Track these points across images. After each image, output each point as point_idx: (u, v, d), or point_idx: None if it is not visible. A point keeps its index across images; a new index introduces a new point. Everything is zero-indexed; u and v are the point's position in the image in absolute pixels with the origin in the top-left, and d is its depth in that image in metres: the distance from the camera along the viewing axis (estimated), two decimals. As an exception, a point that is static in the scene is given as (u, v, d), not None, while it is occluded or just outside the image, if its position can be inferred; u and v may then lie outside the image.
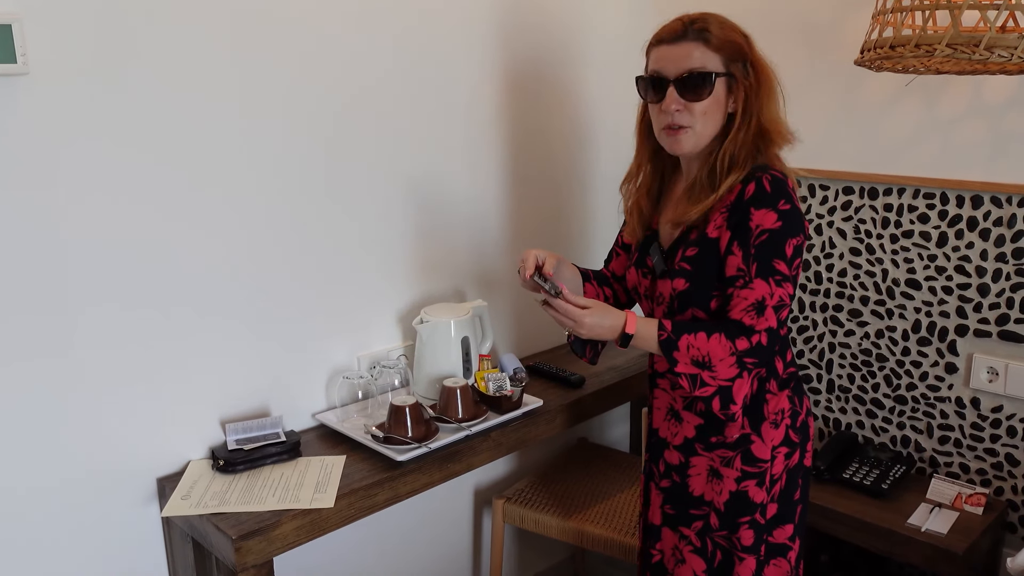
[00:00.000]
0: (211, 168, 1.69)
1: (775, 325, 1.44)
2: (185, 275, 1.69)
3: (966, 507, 2.04)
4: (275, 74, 1.75)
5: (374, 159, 1.96)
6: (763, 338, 1.43)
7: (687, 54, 1.46)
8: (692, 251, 1.51)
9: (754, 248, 1.44)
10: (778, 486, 1.55)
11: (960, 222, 2.07)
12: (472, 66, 2.12)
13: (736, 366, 1.43)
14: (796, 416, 1.56)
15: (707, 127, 1.49)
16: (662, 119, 1.51)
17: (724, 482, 1.55)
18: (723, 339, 1.44)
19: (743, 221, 1.45)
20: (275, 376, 1.88)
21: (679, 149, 1.52)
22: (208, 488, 1.66)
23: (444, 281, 2.17)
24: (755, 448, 1.53)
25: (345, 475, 1.71)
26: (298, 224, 1.85)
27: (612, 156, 2.52)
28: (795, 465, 1.57)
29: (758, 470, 1.53)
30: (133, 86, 1.56)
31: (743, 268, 1.45)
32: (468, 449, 1.84)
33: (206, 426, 1.79)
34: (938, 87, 2.03)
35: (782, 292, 1.44)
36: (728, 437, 1.54)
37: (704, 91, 1.46)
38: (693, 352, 1.45)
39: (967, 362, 2.11)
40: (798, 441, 1.57)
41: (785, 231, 1.44)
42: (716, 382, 1.45)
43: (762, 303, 1.43)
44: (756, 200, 1.44)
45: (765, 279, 1.43)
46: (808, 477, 1.63)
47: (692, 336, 1.45)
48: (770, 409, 1.54)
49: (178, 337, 1.71)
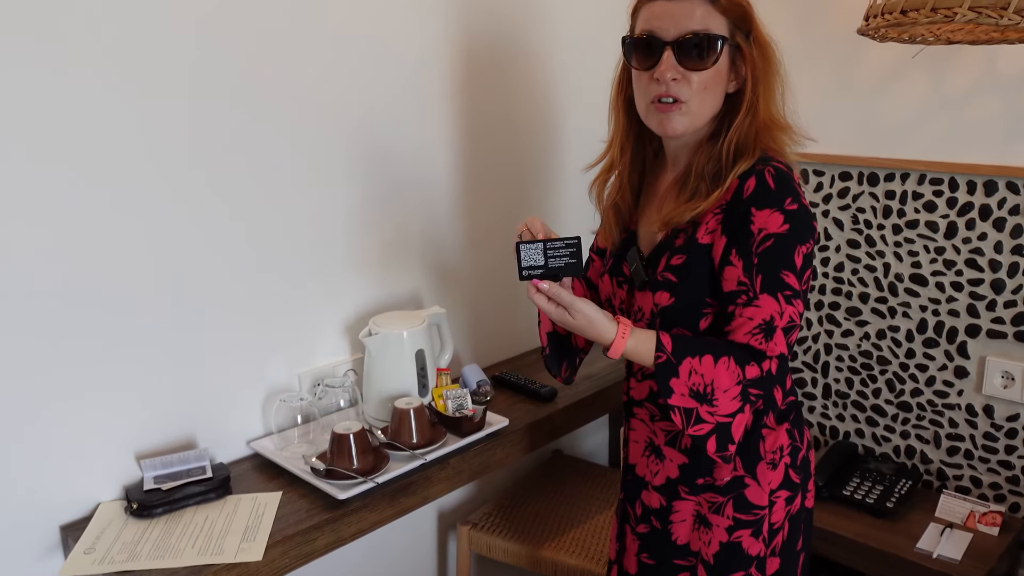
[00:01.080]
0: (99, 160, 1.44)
1: (785, 351, 1.21)
2: (87, 288, 1.45)
3: (980, 527, 1.85)
4: (174, 44, 1.50)
5: (309, 143, 1.71)
6: (773, 366, 1.21)
7: (689, 11, 1.22)
8: (678, 259, 1.28)
9: (757, 257, 1.20)
10: (779, 537, 1.33)
11: (971, 211, 1.86)
12: (424, 38, 1.87)
13: (739, 399, 1.21)
14: (796, 452, 1.34)
15: (705, 105, 1.26)
16: (652, 90, 1.26)
17: (714, 531, 1.32)
18: (732, 365, 1.20)
19: (742, 224, 1.21)
20: (201, 400, 1.64)
21: (670, 129, 1.27)
22: (117, 538, 1.42)
23: (398, 285, 1.94)
24: (749, 493, 1.31)
25: (279, 517, 1.48)
26: (222, 224, 1.61)
27: (584, 140, 2.29)
28: (797, 511, 1.35)
29: (753, 518, 1.31)
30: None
31: (745, 281, 1.21)
32: (423, 480, 1.62)
33: (119, 462, 1.55)
34: (947, 59, 1.82)
35: (792, 311, 1.20)
36: (718, 479, 1.32)
37: (709, 58, 1.22)
38: (695, 380, 1.20)
39: (979, 366, 1.91)
40: (799, 481, 1.34)
41: (793, 236, 1.20)
42: (715, 419, 1.21)
43: (771, 324, 1.20)
44: (758, 198, 1.20)
45: (773, 294, 1.20)
46: (810, 519, 1.41)
47: (696, 360, 1.20)
48: (767, 447, 1.31)
49: (83, 359, 1.46)
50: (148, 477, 1.54)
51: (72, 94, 1.38)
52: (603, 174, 1.43)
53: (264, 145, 1.64)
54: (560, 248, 1.27)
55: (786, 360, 1.23)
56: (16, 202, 1.35)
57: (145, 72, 1.46)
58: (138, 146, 1.47)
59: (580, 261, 1.28)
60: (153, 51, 1.46)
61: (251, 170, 1.63)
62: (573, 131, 2.28)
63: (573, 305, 1.24)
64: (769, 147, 1.26)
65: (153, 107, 1.49)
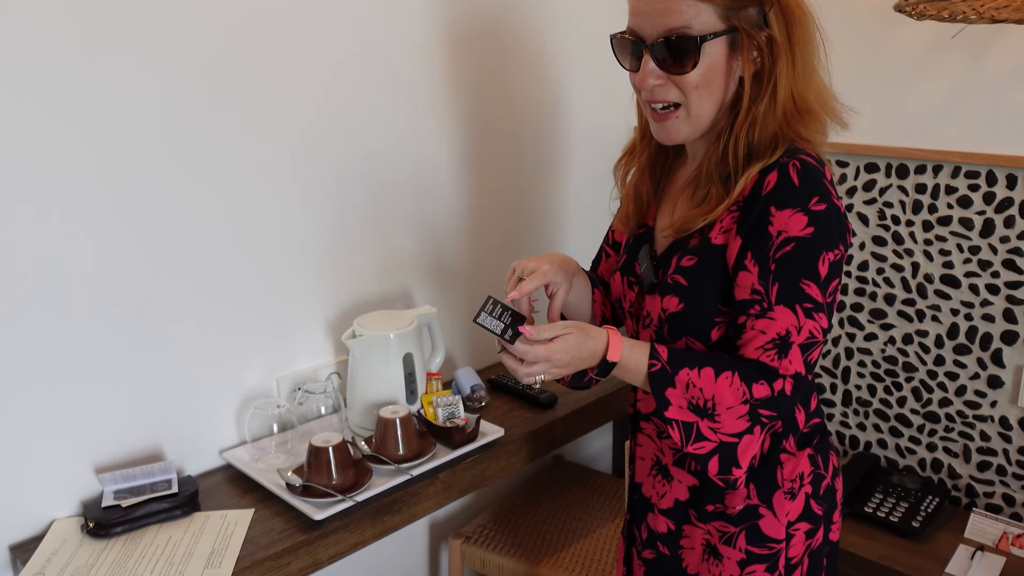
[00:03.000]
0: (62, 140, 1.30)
1: (803, 370, 1.06)
2: (42, 287, 1.31)
3: (1014, 550, 1.71)
4: (154, 25, 1.36)
5: (294, 136, 1.57)
6: (787, 386, 1.06)
7: (665, 7, 1.06)
8: (689, 261, 1.13)
9: (775, 263, 1.05)
10: (797, 573, 1.19)
11: (1010, 207, 1.71)
12: (416, 29, 1.72)
13: (747, 418, 1.06)
14: (819, 481, 1.19)
15: (704, 104, 1.10)
16: (643, 93, 1.13)
17: (724, 564, 1.18)
18: (736, 381, 1.06)
19: (760, 224, 1.07)
20: (169, 406, 1.51)
21: (668, 138, 1.14)
22: (70, 561, 1.30)
23: (386, 281, 1.80)
24: (764, 524, 1.16)
25: (249, 539, 1.35)
26: (195, 213, 1.47)
27: (585, 133, 2.14)
28: (819, 545, 1.20)
29: (768, 551, 1.17)
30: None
31: (760, 290, 1.06)
32: (409, 496, 1.48)
33: (76, 475, 1.42)
34: (989, 39, 1.66)
35: (812, 325, 1.06)
36: (730, 507, 1.18)
37: (687, 61, 1.07)
38: (693, 393, 1.07)
39: (1015, 375, 1.77)
40: (822, 513, 1.20)
41: (819, 241, 1.05)
42: (718, 436, 1.07)
43: (786, 339, 1.05)
44: (779, 196, 1.05)
45: (790, 306, 1.05)
46: (835, 554, 1.27)
47: (695, 372, 1.07)
48: (785, 475, 1.16)
49: (38, 361, 1.33)
50: (108, 492, 1.41)
51: (43, 96, 1.24)
52: (626, 157, 1.30)
53: (244, 138, 1.50)
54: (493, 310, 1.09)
55: (804, 379, 1.09)
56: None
57: (122, 66, 1.32)
58: (113, 146, 1.33)
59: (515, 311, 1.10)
60: (130, 47, 1.32)
61: (228, 160, 1.49)
62: (574, 123, 2.13)
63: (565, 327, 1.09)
64: (799, 135, 1.11)
65: (124, 104, 1.35)
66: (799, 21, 1.09)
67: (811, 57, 1.11)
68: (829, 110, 1.14)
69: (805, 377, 1.07)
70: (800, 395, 1.11)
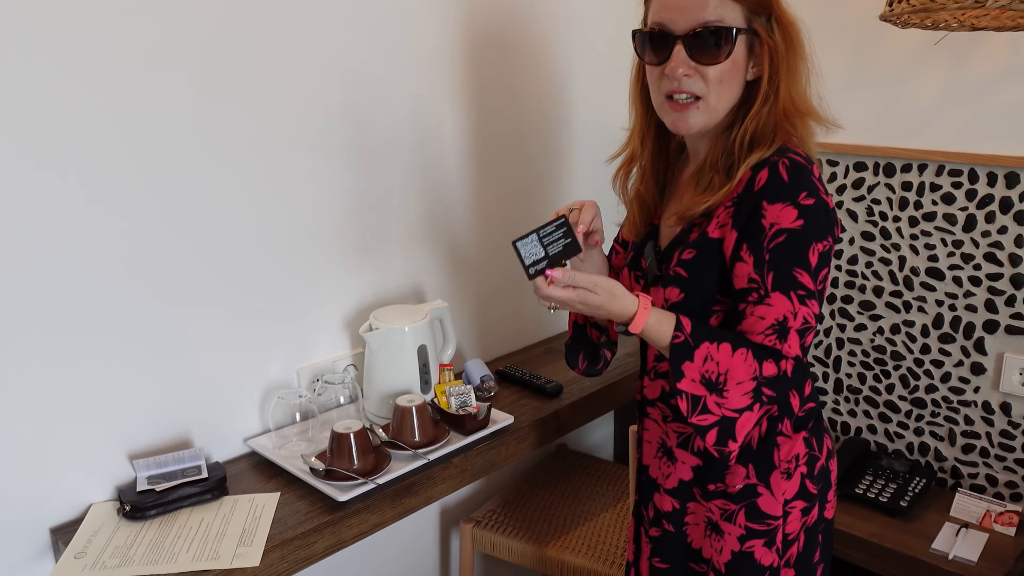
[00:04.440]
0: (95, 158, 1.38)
1: (800, 353, 1.15)
2: (78, 284, 1.39)
3: (996, 527, 1.80)
4: (186, 26, 1.43)
5: (312, 133, 1.65)
6: (789, 367, 1.15)
7: (700, 2, 1.15)
8: (689, 254, 1.22)
9: (769, 253, 1.14)
10: (794, 548, 1.27)
11: (991, 203, 1.80)
12: (427, 28, 1.80)
13: (751, 396, 1.15)
14: (814, 462, 1.28)
15: (723, 99, 1.19)
16: (664, 85, 1.20)
17: (725, 539, 1.27)
18: (749, 358, 1.14)
19: (753, 218, 1.15)
20: (197, 397, 1.59)
21: (685, 127, 1.21)
22: (109, 542, 1.37)
23: (399, 277, 1.88)
24: (762, 502, 1.25)
25: (277, 520, 1.43)
26: (217, 212, 1.55)
27: (594, 128, 2.23)
28: (814, 522, 1.29)
29: (766, 528, 1.25)
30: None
31: (756, 279, 1.15)
32: (426, 480, 1.57)
33: (111, 461, 1.49)
34: (970, 45, 1.75)
35: (806, 312, 1.14)
36: (730, 486, 1.26)
37: (722, 51, 1.16)
38: (709, 367, 1.14)
39: (996, 362, 1.86)
40: (817, 492, 1.28)
41: (808, 233, 1.14)
42: (721, 411, 1.15)
43: (784, 324, 1.14)
44: (770, 192, 1.14)
45: (785, 293, 1.14)
46: (831, 531, 1.35)
47: (714, 346, 1.14)
48: (781, 456, 1.25)
49: (75, 356, 1.41)
50: (141, 477, 1.49)
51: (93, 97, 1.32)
52: (624, 166, 1.38)
53: (263, 134, 1.58)
54: (552, 232, 1.20)
55: (805, 366, 1.18)
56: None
57: (149, 66, 1.40)
58: (138, 143, 1.41)
59: (575, 239, 1.21)
60: (167, 55, 1.40)
61: (249, 159, 1.57)
62: (583, 118, 2.22)
63: (596, 283, 1.17)
64: (790, 137, 1.20)
65: (161, 104, 1.42)
66: (795, 37, 1.19)
67: (801, 71, 1.20)
68: (816, 115, 1.23)
69: (802, 361, 1.16)
70: (796, 380, 1.20)
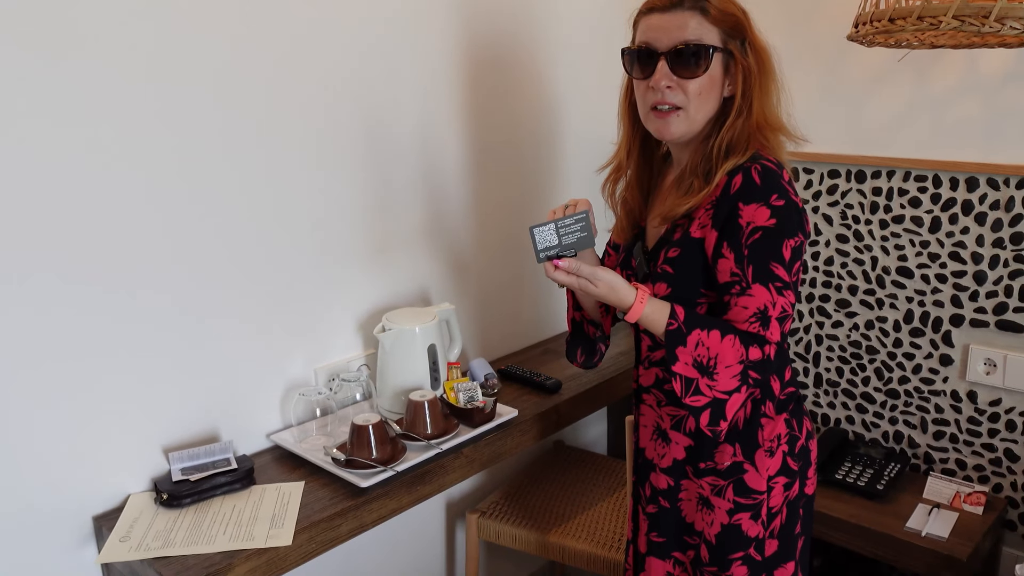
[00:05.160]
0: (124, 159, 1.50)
1: (780, 339, 1.29)
2: (114, 290, 1.51)
3: (965, 506, 1.94)
4: (205, 45, 1.56)
5: (326, 152, 1.78)
6: (772, 352, 1.28)
7: (682, 23, 1.29)
8: (674, 252, 1.36)
9: (747, 248, 1.28)
10: (778, 520, 1.40)
11: (954, 206, 1.95)
12: (430, 44, 1.94)
13: (739, 378, 1.28)
14: (795, 441, 1.41)
15: (701, 110, 1.33)
16: (650, 97, 1.35)
17: (715, 513, 1.40)
18: (737, 343, 1.27)
19: (731, 218, 1.29)
20: (223, 395, 1.70)
21: (668, 133, 1.35)
22: (150, 527, 1.49)
23: (405, 283, 2.01)
24: (748, 478, 1.38)
25: (304, 505, 1.55)
26: (241, 230, 1.67)
27: (587, 140, 2.37)
28: (795, 496, 1.42)
29: (752, 502, 1.38)
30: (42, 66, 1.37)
31: (738, 272, 1.29)
32: (439, 468, 1.69)
33: (147, 455, 1.61)
34: (930, 62, 1.91)
35: (784, 301, 1.28)
36: (719, 464, 1.40)
37: (700, 66, 1.30)
38: (700, 351, 1.28)
39: (963, 354, 2.01)
40: (797, 468, 1.42)
41: (781, 230, 1.27)
42: (712, 393, 1.29)
43: (765, 313, 1.27)
44: (744, 194, 1.28)
45: (764, 284, 1.27)
46: (811, 506, 1.48)
47: (705, 333, 1.28)
48: (765, 436, 1.38)
49: (113, 359, 1.52)
50: (176, 469, 1.60)
51: (91, 95, 1.44)
52: (612, 175, 1.51)
53: (281, 153, 1.71)
54: (571, 225, 1.33)
55: (785, 353, 1.31)
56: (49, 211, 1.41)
57: (172, 74, 1.52)
58: (166, 157, 1.53)
59: (591, 234, 1.33)
60: (181, 57, 1.52)
61: (271, 182, 1.70)
62: (576, 132, 2.36)
63: (595, 274, 1.30)
64: (762, 147, 1.34)
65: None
66: (767, 60, 1.33)
67: (772, 91, 1.35)
68: (787, 132, 1.37)
69: (783, 347, 1.29)
70: (777, 366, 1.34)
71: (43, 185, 1.39)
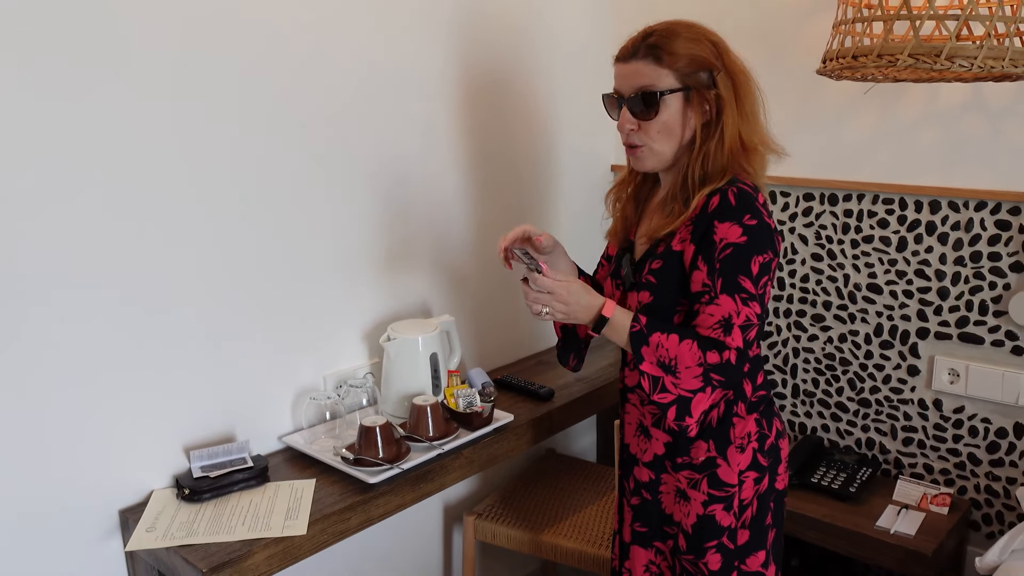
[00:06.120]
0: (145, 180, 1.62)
1: (743, 345, 1.41)
2: (139, 301, 1.63)
3: (932, 507, 2.07)
4: (223, 68, 1.69)
5: (339, 177, 1.92)
6: (732, 356, 1.41)
7: (637, 71, 1.45)
8: (657, 264, 1.50)
9: (719, 263, 1.41)
10: (748, 512, 1.52)
11: (919, 227, 2.10)
12: (432, 73, 2.09)
13: (701, 379, 1.41)
14: (764, 439, 1.53)
15: (664, 145, 1.48)
16: (621, 136, 1.53)
17: (691, 504, 1.53)
18: (694, 347, 1.41)
19: (707, 234, 1.42)
20: (239, 399, 1.82)
21: (640, 166, 1.52)
22: (174, 519, 1.60)
23: (409, 296, 2.14)
24: (721, 472, 1.51)
25: (316, 500, 1.67)
26: (256, 244, 1.80)
27: (580, 161, 2.52)
28: (765, 490, 1.54)
29: (725, 494, 1.51)
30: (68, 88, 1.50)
31: (708, 283, 1.42)
32: (440, 468, 1.81)
33: (169, 453, 1.72)
34: (895, 94, 2.06)
35: (749, 311, 1.41)
36: (694, 459, 1.52)
37: (651, 111, 1.45)
38: (661, 352, 1.42)
39: (928, 364, 2.15)
40: (767, 465, 1.53)
41: (750, 247, 1.40)
42: (677, 391, 1.42)
43: (729, 320, 1.40)
44: (720, 213, 1.41)
45: (731, 295, 1.40)
46: (781, 500, 1.60)
47: (664, 336, 1.42)
48: (736, 433, 1.51)
49: (139, 364, 1.64)
50: (196, 467, 1.71)
51: (126, 115, 1.58)
52: (617, 185, 1.67)
53: (296, 175, 1.84)
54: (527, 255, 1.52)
55: (757, 359, 1.46)
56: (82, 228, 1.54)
57: (197, 96, 1.66)
58: (180, 173, 1.67)
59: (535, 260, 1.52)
60: (204, 80, 1.66)
61: (288, 200, 1.83)
62: (571, 149, 2.50)
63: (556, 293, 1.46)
64: (742, 170, 1.47)
65: (192, 131, 1.68)
66: (743, 83, 1.47)
67: (754, 109, 1.48)
68: (768, 146, 1.50)
69: (747, 352, 1.42)
70: (743, 367, 1.45)
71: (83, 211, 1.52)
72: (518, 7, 2.27)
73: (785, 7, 2.19)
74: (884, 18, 1.59)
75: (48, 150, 1.47)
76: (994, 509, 2.10)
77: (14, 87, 1.41)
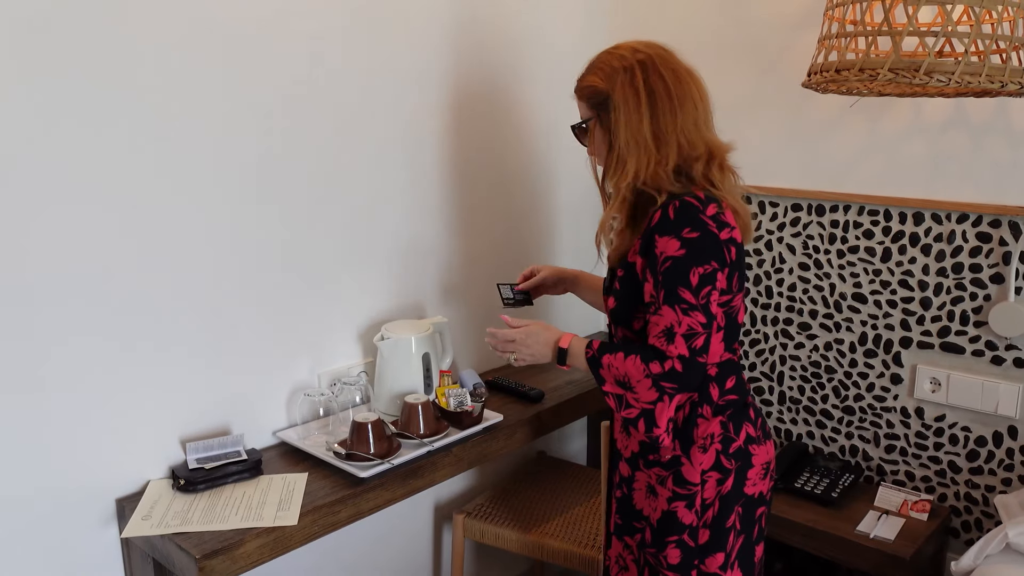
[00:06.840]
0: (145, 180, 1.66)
1: (687, 353, 1.44)
2: (142, 296, 1.68)
3: (912, 514, 2.11)
4: (224, 73, 1.75)
5: (332, 175, 1.97)
6: (676, 364, 1.44)
7: (578, 106, 1.64)
8: (621, 273, 1.58)
9: (661, 275, 1.46)
10: (710, 512, 1.55)
11: (903, 238, 2.15)
12: (428, 80, 2.14)
13: (655, 390, 1.47)
14: (729, 442, 1.55)
15: (600, 164, 1.63)
16: None
17: (658, 500, 1.58)
18: (638, 361, 1.47)
19: (650, 249, 1.49)
20: (235, 394, 1.87)
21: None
22: (169, 508, 1.64)
23: (403, 297, 2.19)
24: (684, 471, 1.55)
25: (308, 493, 1.71)
26: (254, 242, 1.85)
27: (568, 177, 2.57)
28: (728, 492, 1.55)
29: (687, 492, 1.55)
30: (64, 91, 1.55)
31: (653, 295, 1.49)
32: (430, 465, 1.85)
33: (165, 445, 1.77)
34: (880, 108, 2.12)
35: (690, 321, 1.44)
36: (662, 457, 1.57)
37: (584, 139, 1.64)
38: (614, 371, 1.51)
39: (911, 373, 2.19)
40: (733, 468, 1.55)
41: (689, 259, 1.44)
42: (639, 404, 1.49)
43: (671, 330, 1.45)
44: (659, 228, 1.47)
45: (672, 306, 1.45)
46: (753, 507, 1.60)
47: (612, 356, 1.52)
48: (699, 433, 1.54)
49: (138, 360, 1.69)
50: (191, 459, 1.76)
51: (126, 116, 1.63)
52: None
53: (294, 176, 1.90)
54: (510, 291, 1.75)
55: (728, 364, 1.55)
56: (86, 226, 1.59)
57: (197, 98, 1.71)
58: (179, 174, 1.72)
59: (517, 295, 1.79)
60: (204, 83, 1.72)
61: (287, 200, 1.88)
62: (562, 165, 2.56)
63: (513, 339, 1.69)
64: (706, 181, 1.51)
65: (191, 132, 1.74)
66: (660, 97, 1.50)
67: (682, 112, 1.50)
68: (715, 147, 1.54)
69: (695, 360, 1.44)
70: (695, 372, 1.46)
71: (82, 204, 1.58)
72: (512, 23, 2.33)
73: (773, 22, 2.25)
74: (867, 33, 1.65)
75: (48, 151, 1.52)
76: (973, 516, 2.14)
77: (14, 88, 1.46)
